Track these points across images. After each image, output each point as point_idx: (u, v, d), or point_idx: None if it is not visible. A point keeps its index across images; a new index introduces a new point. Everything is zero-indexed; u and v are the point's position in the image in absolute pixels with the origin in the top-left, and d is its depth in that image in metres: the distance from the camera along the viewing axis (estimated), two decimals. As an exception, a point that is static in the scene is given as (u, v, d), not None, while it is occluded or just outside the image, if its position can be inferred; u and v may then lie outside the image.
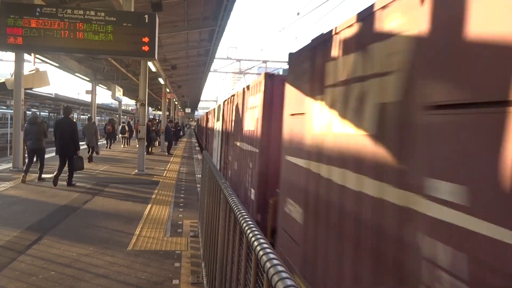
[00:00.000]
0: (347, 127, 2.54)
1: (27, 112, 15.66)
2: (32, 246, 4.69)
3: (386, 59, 2.08)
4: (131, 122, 25.26)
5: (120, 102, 27.48)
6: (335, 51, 2.82)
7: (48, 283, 3.70)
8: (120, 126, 22.39)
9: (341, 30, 2.78)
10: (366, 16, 2.38)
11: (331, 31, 2.98)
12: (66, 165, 8.60)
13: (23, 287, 3.59)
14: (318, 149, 3.04)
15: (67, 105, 11.28)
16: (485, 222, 1.36)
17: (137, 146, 11.73)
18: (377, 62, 2.18)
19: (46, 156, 9.78)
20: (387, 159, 2.01)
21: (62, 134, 8.49)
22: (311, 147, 3.23)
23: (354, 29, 2.55)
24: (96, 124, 15.83)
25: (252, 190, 5.91)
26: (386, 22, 2.14)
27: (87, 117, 19.03)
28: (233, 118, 8.60)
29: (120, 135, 21.90)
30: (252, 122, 6.15)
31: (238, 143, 7.56)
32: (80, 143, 9.27)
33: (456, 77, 1.58)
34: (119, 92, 21.66)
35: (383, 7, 2.19)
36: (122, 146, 20.75)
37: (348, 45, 2.62)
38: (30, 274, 3.87)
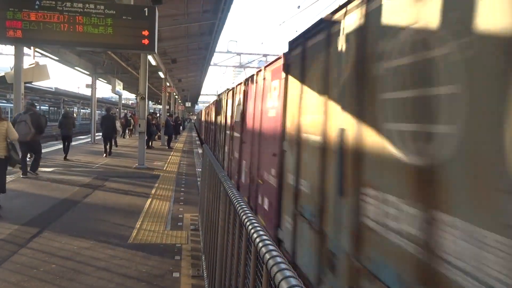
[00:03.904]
0: None
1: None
2: (33, 239, 4.71)
3: None
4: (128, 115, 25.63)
5: (120, 96, 27.42)
6: None
7: (49, 276, 3.72)
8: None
9: None
10: None
11: None
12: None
13: (24, 280, 3.61)
14: None
15: (108, 106, 16.32)
16: None
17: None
18: None
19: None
20: None
21: (106, 125, 13.63)
22: None
23: None
24: (115, 117, 16.50)
25: None
26: None
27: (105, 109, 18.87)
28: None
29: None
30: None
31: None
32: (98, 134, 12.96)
33: None
34: (119, 86, 21.59)
35: None
36: (128, 137, 23.45)
37: None
38: (31, 267, 3.89)
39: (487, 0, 1.46)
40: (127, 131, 24.20)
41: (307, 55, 3.60)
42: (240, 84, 7.89)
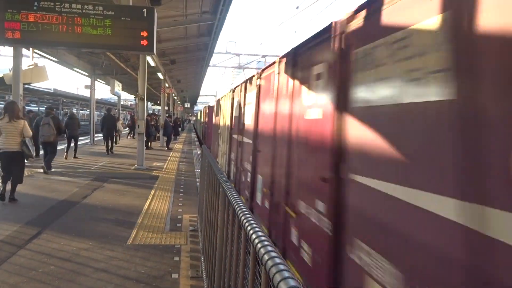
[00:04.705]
0: None
1: (26, 107, 16.13)
2: (31, 240, 4.70)
3: None
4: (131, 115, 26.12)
5: (119, 97, 27.42)
6: None
7: (47, 277, 3.71)
8: (127, 120, 25.27)
9: None
10: None
11: None
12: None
13: (22, 281, 3.60)
14: None
15: (109, 107, 17.84)
16: None
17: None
18: None
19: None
20: None
21: (107, 125, 14.87)
22: None
23: None
24: (115, 117, 18.43)
25: None
26: None
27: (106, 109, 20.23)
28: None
29: (126, 128, 26.30)
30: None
31: None
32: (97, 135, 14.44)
33: None
34: (118, 87, 21.57)
35: None
36: (128, 137, 24.62)
37: None
38: (30, 269, 3.88)
39: None
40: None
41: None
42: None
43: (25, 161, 6.88)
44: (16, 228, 5.12)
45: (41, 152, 12.95)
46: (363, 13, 2.63)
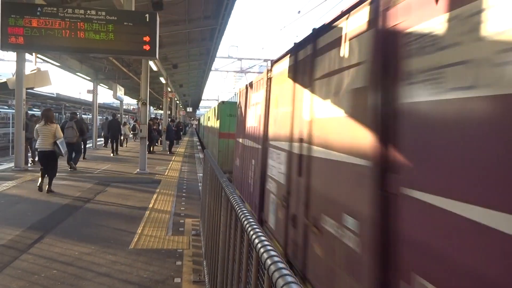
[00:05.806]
0: None
1: (29, 112, 16.27)
2: (34, 245, 4.70)
3: None
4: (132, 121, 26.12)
5: (121, 101, 27.49)
6: None
7: (50, 281, 3.71)
8: (132, 125, 26.62)
9: None
10: None
11: None
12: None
13: (25, 286, 3.60)
14: None
15: (114, 112, 20.72)
16: None
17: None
18: None
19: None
20: None
21: (113, 128, 16.18)
22: None
23: None
24: (120, 121, 19.67)
25: None
26: None
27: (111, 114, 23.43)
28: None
29: (131, 132, 26.05)
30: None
31: None
32: (99, 139, 16.05)
33: None
34: (120, 92, 21.67)
35: None
36: (134, 140, 25.36)
37: None
38: (32, 273, 3.88)
39: None
40: (133, 136, 25.40)
41: None
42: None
43: (57, 158, 7.94)
44: (19, 233, 5.12)
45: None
46: None
